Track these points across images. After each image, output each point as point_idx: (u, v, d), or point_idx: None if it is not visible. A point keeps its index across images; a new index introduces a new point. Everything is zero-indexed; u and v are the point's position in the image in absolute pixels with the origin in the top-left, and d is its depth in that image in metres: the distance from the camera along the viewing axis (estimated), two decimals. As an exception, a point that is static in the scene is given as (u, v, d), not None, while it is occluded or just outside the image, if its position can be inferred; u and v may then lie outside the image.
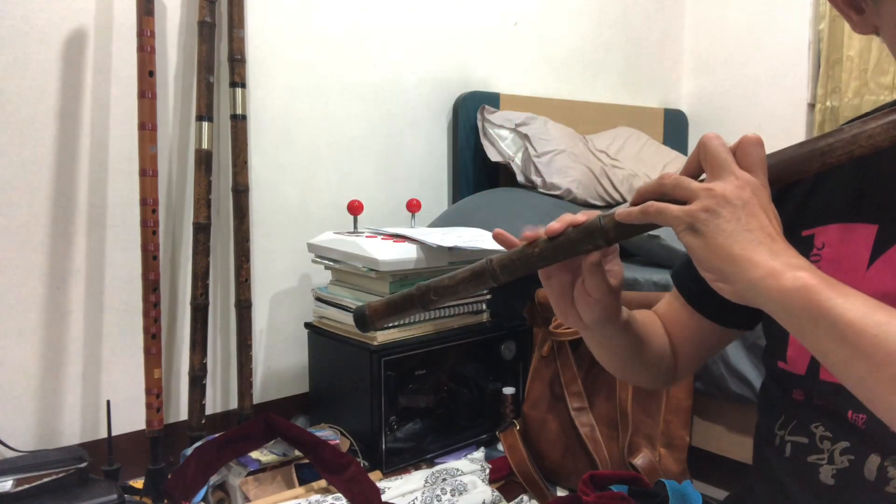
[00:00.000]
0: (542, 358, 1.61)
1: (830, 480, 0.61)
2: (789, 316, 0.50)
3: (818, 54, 2.60)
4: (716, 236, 0.52)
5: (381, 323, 0.67)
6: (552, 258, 0.61)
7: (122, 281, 1.57)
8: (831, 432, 0.61)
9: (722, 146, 0.55)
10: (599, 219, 0.59)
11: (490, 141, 2.09)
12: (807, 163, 0.55)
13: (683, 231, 0.53)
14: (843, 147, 0.53)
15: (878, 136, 0.52)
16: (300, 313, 1.85)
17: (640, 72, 2.85)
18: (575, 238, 0.59)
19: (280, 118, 1.81)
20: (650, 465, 1.41)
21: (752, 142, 0.54)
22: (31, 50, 1.42)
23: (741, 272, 0.51)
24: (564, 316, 0.67)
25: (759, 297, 0.51)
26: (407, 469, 1.54)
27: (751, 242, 0.51)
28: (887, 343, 0.46)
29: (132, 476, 1.52)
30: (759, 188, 0.53)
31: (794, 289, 0.49)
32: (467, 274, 0.64)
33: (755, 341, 1.37)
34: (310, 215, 1.88)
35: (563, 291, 0.66)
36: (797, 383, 0.65)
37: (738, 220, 0.52)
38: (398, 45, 2.04)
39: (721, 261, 0.52)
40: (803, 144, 0.55)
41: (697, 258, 0.54)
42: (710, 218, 0.52)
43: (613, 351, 0.74)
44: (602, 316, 0.65)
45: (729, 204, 0.52)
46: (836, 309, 0.48)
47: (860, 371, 0.47)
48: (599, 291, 0.63)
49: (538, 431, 1.57)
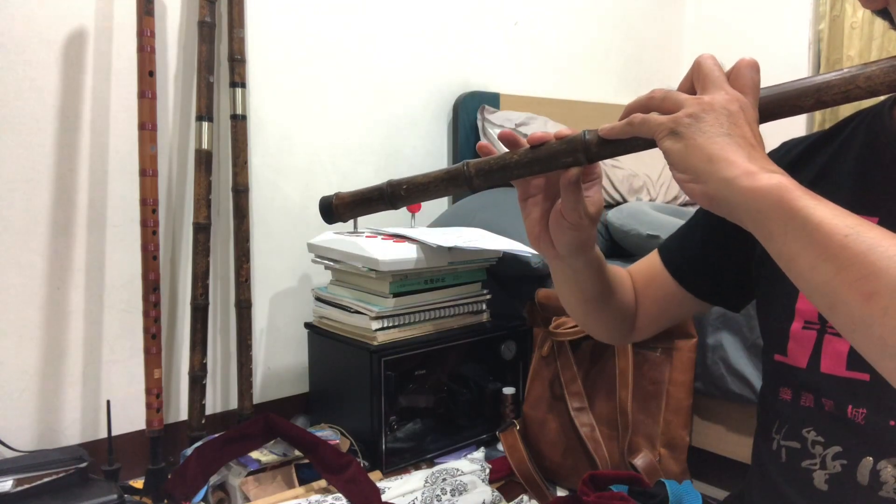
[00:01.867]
0: (542, 358, 1.61)
1: (824, 486, 0.61)
2: (760, 216, 0.49)
3: (818, 54, 2.60)
4: (696, 136, 0.51)
5: (348, 215, 0.67)
6: (530, 168, 0.59)
7: (122, 281, 1.57)
8: (823, 437, 0.61)
9: (716, 65, 0.54)
10: (584, 133, 0.58)
11: (490, 141, 2.09)
12: (801, 98, 0.54)
13: (665, 137, 0.53)
14: (840, 85, 0.52)
15: (876, 79, 0.51)
16: (300, 313, 1.85)
17: (640, 72, 2.85)
18: (556, 149, 0.58)
19: (280, 118, 1.81)
20: (650, 465, 1.41)
21: (747, 64, 0.54)
22: (31, 50, 1.42)
23: (716, 171, 0.50)
24: (537, 242, 0.67)
25: (731, 196, 0.50)
26: (407, 469, 1.54)
27: (730, 145, 0.51)
28: (855, 244, 0.45)
29: (132, 476, 1.52)
30: (748, 106, 0.53)
31: (768, 187, 0.49)
32: (441, 174, 0.62)
33: (755, 341, 1.37)
34: (310, 215, 1.88)
35: (539, 215, 0.65)
36: (796, 377, 0.64)
37: (720, 125, 0.51)
38: (398, 44, 2.04)
39: (697, 160, 0.51)
40: (801, 80, 0.54)
41: (673, 160, 0.53)
42: (693, 122, 0.52)
43: (580, 289, 0.73)
44: (574, 243, 0.64)
45: (714, 111, 0.52)
46: (808, 209, 0.47)
47: (825, 273, 0.46)
48: (575, 214, 0.62)
49: (538, 431, 1.57)
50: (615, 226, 1.73)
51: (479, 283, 1.72)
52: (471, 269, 1.69)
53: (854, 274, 0.44)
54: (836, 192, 0.64)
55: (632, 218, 1.68)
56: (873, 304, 0.44)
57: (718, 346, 1.42)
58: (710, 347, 1.43)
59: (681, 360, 1.43)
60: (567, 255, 0.67)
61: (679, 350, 1.43)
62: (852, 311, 0.45)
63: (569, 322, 1.56)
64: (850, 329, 0.46)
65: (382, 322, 1.53)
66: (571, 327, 1.54)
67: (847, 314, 0.46)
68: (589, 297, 0.74)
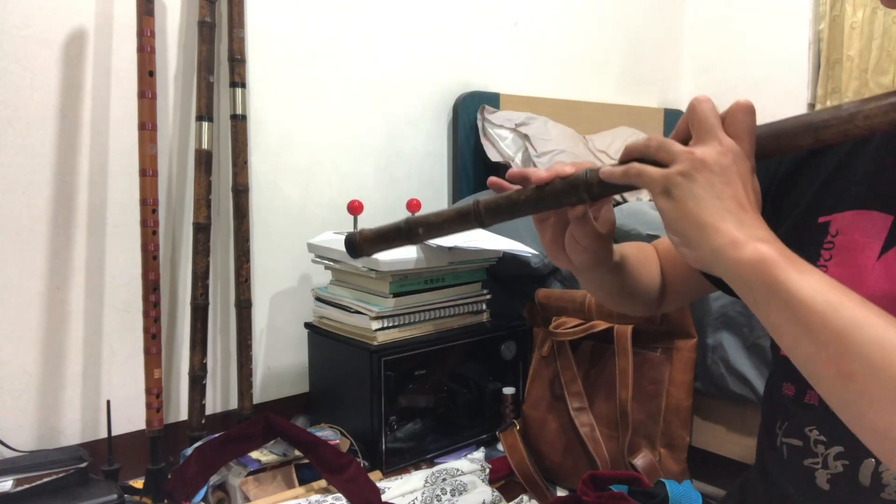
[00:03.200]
0: (542, 358, 1.61)
1: (826, 485, 0.60)
2: (746, 287, 0.50)
3: (818, 54, 2.60)
4: (686, 200, 0.51)
5: (370, 251, 0.71)
6: (537, 207, 0.62)
7: (122, 281, 1.57)
8: (825, 436, 0.61)
9: (711, 110, 0.54)
10: (585, 173, 0.59)
11: (490, 141, 2.09)
12: (800, 136, 0.53)
13: (658, 194, 0.53)
14: (838, 124, 0.52)
15: (874, 118, 0.51)
16: (300, 313, 1.85)
17: (640, 72, 2.85)
18: (560, 190, 0.60)
19: (280, 118, 1.81)
20: (650, 465, 1.41)
21: (742, 108, 0.53)
22: (31, 50, 1.42)
23: (704, 239, 0.51)
24: (556, 259, 0.68)
25: (718, 265, 0.51)
26: (407, 469, 1.54)
27: (719, 210, 0.51)
28: (834, 322, 0.45)
29: (132, 476, 1.52)
30: (741, 157, 0.52)
31: (753, 260, 0.49)
32: (453, 213, 0.65)
33: (755, 341, 1.37)
34: (310, 215, 1.88)
35: (554, 236, 0.66)
36: (799, 375, 0.64)
37: (711, 186, 0.51)
38: (398, 44, 2.04)
39: (687, 225, 0.52)
40: (798, 117, 0.54)
41: (666, 221, 0.54)
42: (685, 182, 0.52)
43: (604, 289, 0.75)
44: (592, 262, 0.66)
45: (706, 169, 0.51)
46: (791, 284, 0.47)
47: (807, 349, 0.47)
48: (588, 240, 0.63)
49: (538, 431, 1.57)
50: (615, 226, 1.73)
51: (479, 283, 1.72)
52: (471, 269, 1.69)
53: (832, 352, 0.45)
54: (852, 188, 0.63)
55: (632, 218, 1.68)
56: (851, 385, 0.44)
57: (718, 346, 1.42)
58: (710, 347, 1.43)
59: (681, 360, 1.43)
60: (586, 270, 0.68)
61: (679, 350, 1.43)
62: (832, 389, 0.46)
63: (569, 322, 1.56)
64: (833, 405, 0.47)
65: (382, 322, 1.53)
66: (571, 327, 1.54)
67: (828, 391, 0.47)
68: (614, 291, 0.75)
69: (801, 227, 0.65)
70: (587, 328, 1.51)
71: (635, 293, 0.76)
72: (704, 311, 1.43)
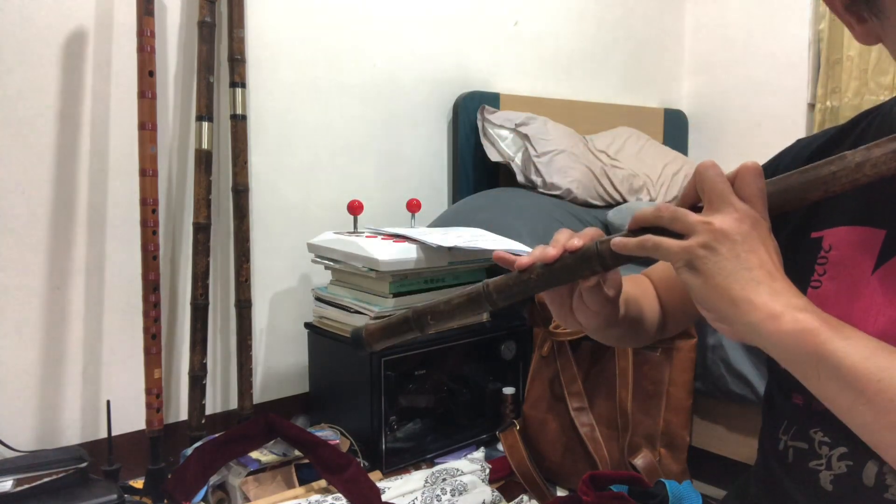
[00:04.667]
0: (542, 358, 1.61)
1: (829, 486, 0.60)
2: (791, 359, 0.49)
3: (818, 54, 2.60)
4: (714, 276, 0.51)
5: (378, 345, 0.68)
6: (549, 284, 0.61)
7: (122, 281, 1.57)
8: (830, 437, 0.61)
9: (719, 175, 0.53)
10: (596, 245, 0.58)
11: (490, 141, 2.09)
12: (809, 192, 0.54)
13: (681, 268, 0.52)
14: (846, 175, 0.52)
15: (882, 165, 0.51)
16: (300, 313, 1.85)
17: (640, 72, 2.85)
18: (572, 265, 0.59)
19: (280, 118, 1.81)
20: (650, 465, 1.41)
21: (751, 171, 0.53)
22: (31, 50, 1.42)
23: (741, 314, 0.50)
24: (565, 322, 0.68)
25: (759, 339, 0.50)
26: (407, 469, 1.54)
27: (750, 282, 0.50)
28: (891, 389, 0.45)
29: (132, 476, 1.52)
30: (759, 221, 0.52)
31: (795, 332, 0.48)
32: (463, 298, 0.64)
33: (755, 341, 1.37)
34: (310, 215, 1.88)
35: (562, 301, 0.66)
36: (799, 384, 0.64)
37: (736, 257, 0.50)
38: (398, 44, 2.04)
39: (720, 301, 0.51)
40: (805, 172, 0.54)
41: (697, 297, 0.53)
42: (709, 255, 0.51)
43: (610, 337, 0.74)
44: (602, 324, 0.65)
45: (728, 239, 0.51)
46: (838, 353, 0.47)
47: (865, 417, 0.47)
48: (598, 304, 0.63)
49: (538, 431, 1.57)
50: (615, 226, 1.73)
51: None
52: (471, 269, 1.69)
53: (892, 419, 0.45)
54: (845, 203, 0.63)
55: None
56: None
57: (718, 346, 1.42)
58: (710, 347, 1.43)
59: (681, 360, 1.43)
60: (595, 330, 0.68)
61: (679, 350, 1.43)
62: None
63: (569, 322, 1.56)
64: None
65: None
66: (571, 327, 1.54)
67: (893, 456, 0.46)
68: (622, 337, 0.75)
69: (795, 243, 0.65)
70: (587, 328, 1.51)
71: (640, 330, 0.76)
72: (704, 311, 1.43)
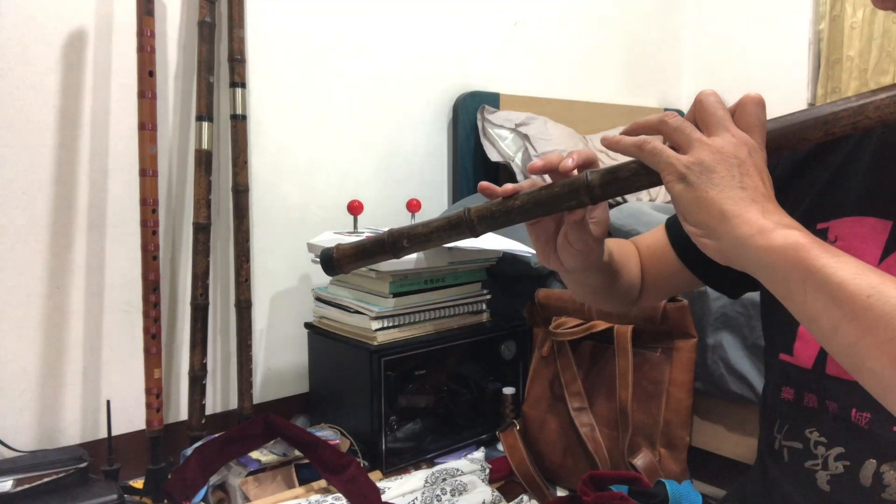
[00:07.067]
0: (542, 358, 1.61)
1: (826, 486, 0.60)
2: (777, 275, 0.48)
3: (818, 54, 2.60)
4: (707, 189, 0.50)
5: (349, 267, 0.65)
6: (533, 213, 0.59)
7: (122, 281, 1.57)
8: (826, 437, 0.61)
9: (719, 102, 0.53)
10: (586, 174, 0.56)
11: (490, 141, 2.09)
12: (810, 130, 0.52)
13: (674, 180, 0.51)
14: (849, 116, 0.51)
15: (885, 108, 0.50)
16: (300, 313, 1.85)
17: (640, 72, 2.85)
18: (559, 193, 0.57)
19: (280, 118, 1.81)
20: (650, 465, 1.40)
21: (753, 101, 0.52)
22: (31, 50, 1.42)
23: (730, 228, 0.49)
24: (546, 261, 0.67)
25: (745, 254, 0.49)
26: (407, 469, 1.54)
27: (742, 200, 0.49)
28: (880, 305, 0.43)
29: (132, 476, 1.52)
30: (756, 149, 0.51)
31: (784, 246, 0.47)
32: (443, 222, 0.61)
33: (755, 341, 1.37)
34: (310, 215, 1.88)
35: (547, 238, 0.65)
36: (801, 378, 0.64)
37: (732, 176, 0.50)
38: (398, 44, 2.04)
39: (709, 215, 0.50)
40: (807, 111, 0.53)
41: (684, 210, 0.52)
42: (704, 171, 0.50)
43: (586, 286, 0.74)
44: (583, 263, 0.64)
45: (725, 160, 0.50)
46: (828, 268, 0.45)
47: (850, 335, 0.44)
48: (582, 243, 0.62)
49: (538, 431, 1.57)
50: (615, 226, 1.73)
51: (479, 283, 1.72)
52: (471, 269, 1.69)
53: (880, 336, 0.43)
54: (851, 194, 0.63)
55: (632, 218, 1.68)
56: None
57: (718, 346, 1.42)
58: (710, 347, 1.43)
59: (681, 360, 1.43)
60: (576, 271, 0.67)
61: (679, 350, 1.43)
62: (881, 375, 0.43)
63: (569, 322, 1.56)
64: (881, 392, 0.44)
65: (382, 322, 1.53)
66: (571, 327, 1.54)
67: (875, 378, 0.44)
68: (597, 290, 0.74)
69: None
70: (587, 328, 1.51)
71: (617, 291, 0.75)
72: (704, 311, 1.43)
